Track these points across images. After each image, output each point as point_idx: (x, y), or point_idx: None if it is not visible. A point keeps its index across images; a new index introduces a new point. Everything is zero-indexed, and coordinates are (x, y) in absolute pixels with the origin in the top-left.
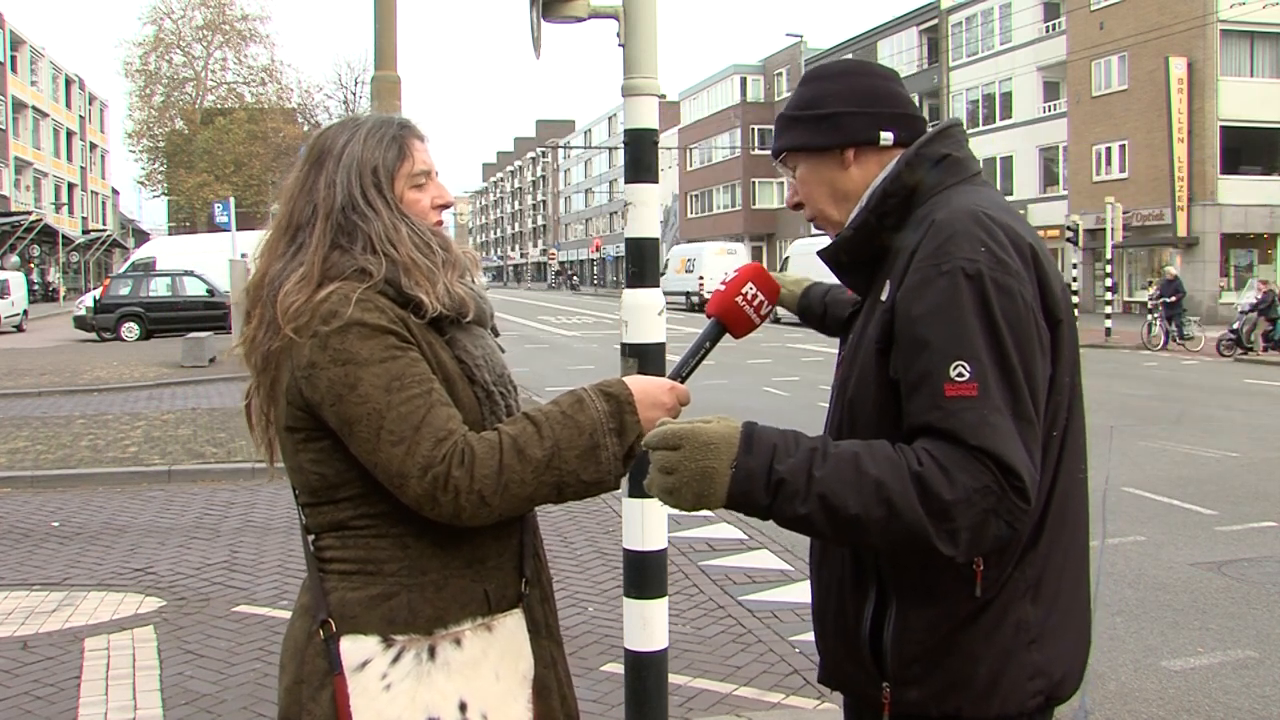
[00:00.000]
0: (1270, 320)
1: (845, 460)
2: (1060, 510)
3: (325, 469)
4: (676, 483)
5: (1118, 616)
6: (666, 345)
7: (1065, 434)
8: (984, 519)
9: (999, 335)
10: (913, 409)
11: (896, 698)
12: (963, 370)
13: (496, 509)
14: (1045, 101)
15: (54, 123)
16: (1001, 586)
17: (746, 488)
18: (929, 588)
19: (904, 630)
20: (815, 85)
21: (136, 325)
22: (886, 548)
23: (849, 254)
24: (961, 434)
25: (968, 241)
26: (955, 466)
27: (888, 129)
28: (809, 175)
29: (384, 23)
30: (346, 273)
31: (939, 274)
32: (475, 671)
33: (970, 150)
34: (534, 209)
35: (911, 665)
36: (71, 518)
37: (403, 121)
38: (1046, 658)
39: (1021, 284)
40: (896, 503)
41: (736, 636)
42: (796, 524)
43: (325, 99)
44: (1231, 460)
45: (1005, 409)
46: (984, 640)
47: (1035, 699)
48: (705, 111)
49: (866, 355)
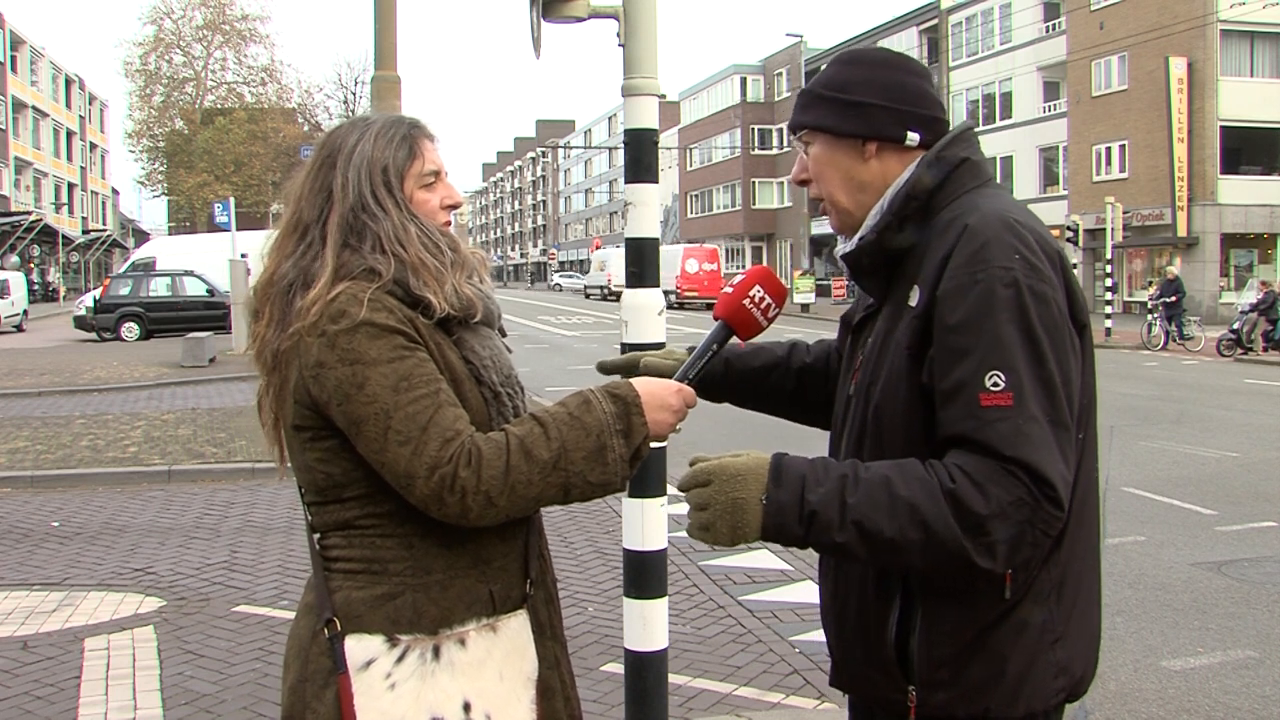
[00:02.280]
0: (1270, 320)
1: (877, 485)
2: (1080, 511)
3: (332, 468)
4: (710, 518)
5: (1118, 616)
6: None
7: (1086, 436)
8: (1020, 530)
9: (1037, 343)
10: (947, 418)
11: (923, 700)
12: (998, 380)
13: (503, 510)
14: (1045, 101)
15: (54, 123)
16: (1029, 587)
17: (780, 520)
18: (958, 591)
19: (932, 633)
20: (849, 69)
21: (136, 325)
22: (927, 567)
23: (870, 258)
24: (995, 444)
25: (1001, 249)
26: (988, 480)
27: (914, 129)
28: (824, 157)
29: (384, 23)
30: (355, 272)
31: (974, 282)
32: (479, 672)
33: (984, 155)
34: (534, 209)
35: (940, 668)
36: (71, 518)
37: (413, 121)
38: (1069, 655)
39: (1054, 290)
40: (931, 524)
41: (736, 636)
42: (834, 551)
43: (325, 99)
44: (1231, 460)
45: (1042, 417)
46: (1012, 641)
47: (1058, 696)
48: (705, 111)
49: (896, 360)
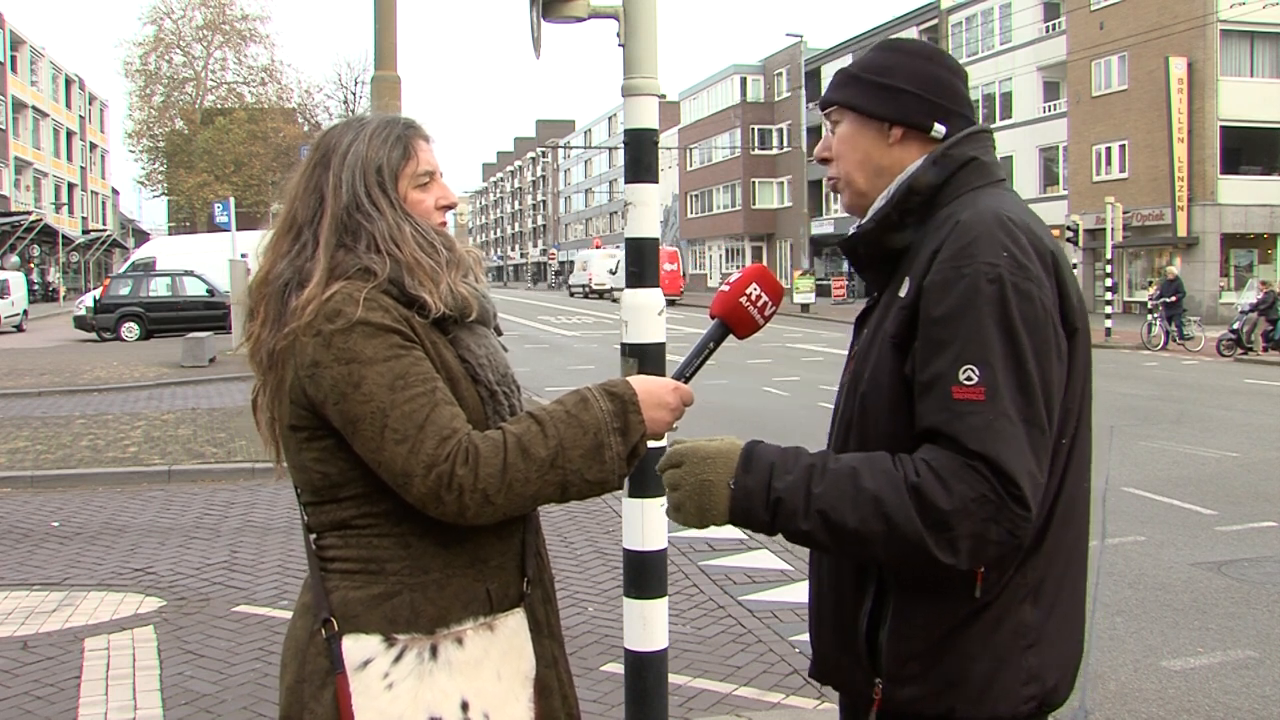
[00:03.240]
0: (1270, 320)
1: (843, 475)
2: (1065, 516)
3: (328, 468)
4: (680, 498)
5: (1118, 616)
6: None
7: (1074, 442)
8: (983, 528)
9: (1016, 340)
10: (922, 409)
11: (888, 695)
12: (972, 374)
13: (501, 508)
14: (1045, 101)
15: (54, 123)
16: (1002, 589)
17: (746, 505)
18: (929, 587)
19: (902, 627)
20: (888, 55)
21: (136, 325)
22: (890, 559)
23: (867, 248)
24: (963, 438)
25: (990, 245)
26: (952, 476)
27: (943, 122)
28: (849, 136)
29: (384, 23)
30: (351, 272)
31: (959, 276)
32: (477, 671)
33: (996, 156)
34: (534, 209)
35: (908, 663)
36: (71, 518)
37: (408, 122)
38: (1042, 662)
39: (1042, 289)
40: (893, 516)
41: (736, 636)
42: (800, 539)
43: (325, 99)
44: (1231, 460)
45: (1015, 414)
46: (981, 641)
47: (1028, 704)
48: (705, 111)
49: (882, 351)
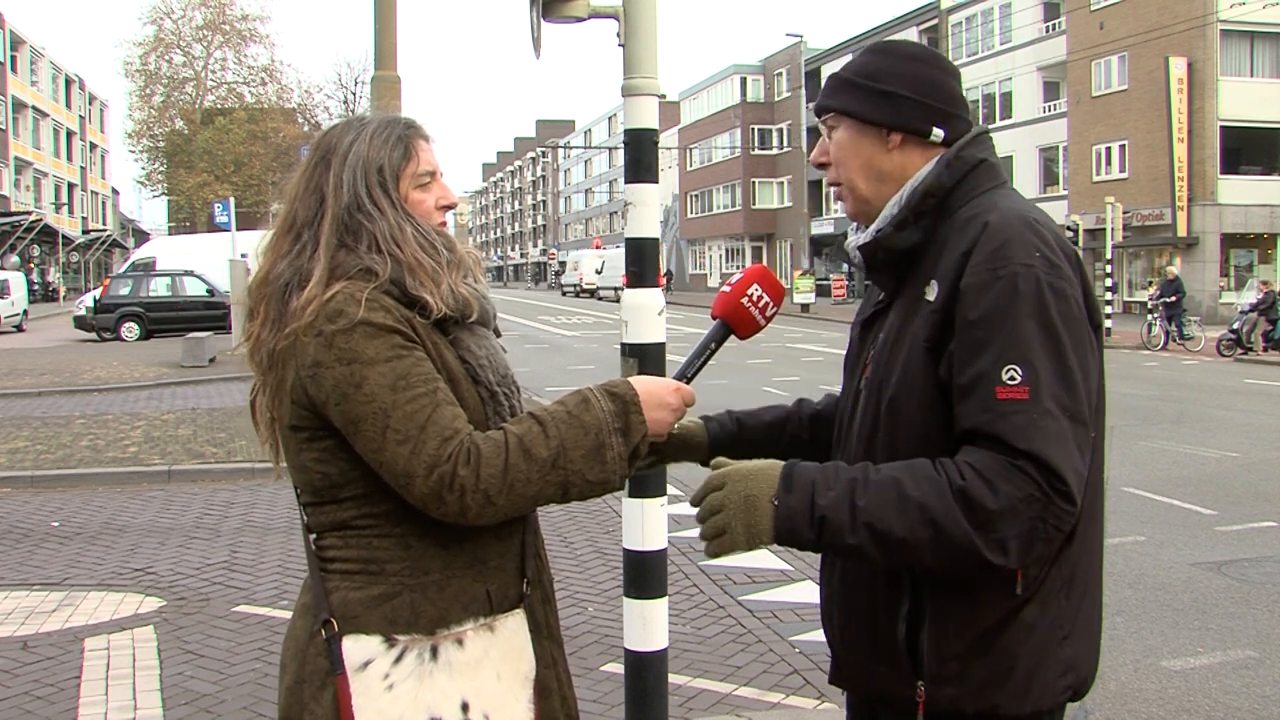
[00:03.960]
0: (1270, 320)
1: (886, 486)
2: (1090, 509)
3: (329, 468)
4: (726, 519)
5: (1118, 616)
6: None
7: (1096, 435)
8: (1032, 526)
9: (1057, 338)
10: (963, 412)
11: (931, 695)
12: (1015, 373)
13: (502, 508)
14: (1045, 101)
15: (54, 123)
16: (1040, 584)
17: (790, 525)
18: (969, 586)
19: (943, 627)
20: (882, 59)
21: (136, 325)
22: (938, 565)
23: (886, 252)
24: (1008, 437)
25: (1023, 246)
26: (998, 477)
27: (940, 126)
28: (847, 143)
29: (384, 23)
30: (352, 272)
31: (995, 278)
32: (477, 672)
33: (998, 157)
34: (534, 209)
35: (949, 662)
36: (71, 518)
37: (408, 122)
38: (1076, 652)
39: (1074, 288)
40: (942, 522)
41: (736, 636)
42: (847, 553)
43: (325, 99)
44: (1231, 460)
45: (1059, 411)
46: (1023, 637)
47: (1065, 694)
48: (705, 111)
49: (913, 354)
